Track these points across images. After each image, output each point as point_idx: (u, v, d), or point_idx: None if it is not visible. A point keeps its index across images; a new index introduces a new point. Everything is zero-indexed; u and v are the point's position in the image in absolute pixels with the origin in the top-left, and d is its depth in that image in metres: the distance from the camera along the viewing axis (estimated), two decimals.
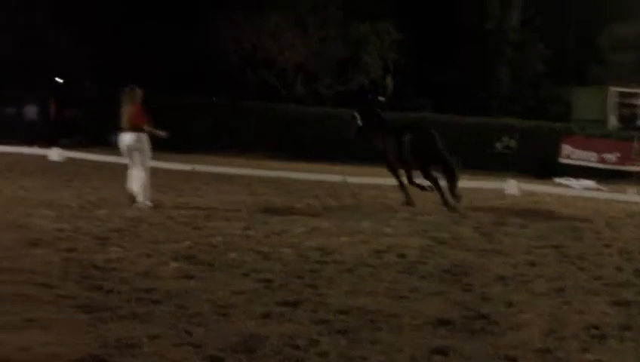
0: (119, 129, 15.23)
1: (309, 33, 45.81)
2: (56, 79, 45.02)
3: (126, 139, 15.04)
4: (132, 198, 14.85)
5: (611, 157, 36.62)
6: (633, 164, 35.90)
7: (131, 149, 15.06)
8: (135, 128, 14.98)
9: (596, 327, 7.23)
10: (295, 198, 18.00)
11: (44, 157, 27.10)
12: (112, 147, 30.59)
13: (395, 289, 8.44)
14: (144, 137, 15.03)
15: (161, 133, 15.26)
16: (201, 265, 9.19)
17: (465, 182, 25.01)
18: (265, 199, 17.54)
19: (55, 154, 27.21)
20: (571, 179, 31.44)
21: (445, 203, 17.01)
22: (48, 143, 31.16)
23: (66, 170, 22.29)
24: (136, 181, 14.89)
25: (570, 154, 37.07)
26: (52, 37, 40.88)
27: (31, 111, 35.85)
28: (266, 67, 45.99)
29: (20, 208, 13.36)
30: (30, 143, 32.60)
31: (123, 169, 16.39)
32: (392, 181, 18.77)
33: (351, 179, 23.49)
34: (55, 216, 12.63)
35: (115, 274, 8.41)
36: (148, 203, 14.77)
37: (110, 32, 43.61)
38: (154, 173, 15.78)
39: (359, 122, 18.57)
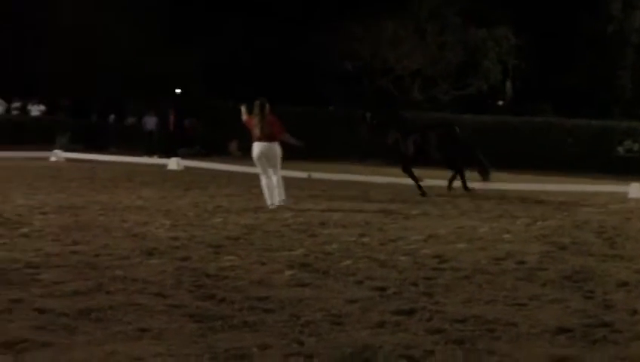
0: (253, 140, 16.23)
1: (427, 40, 45.57)
2: (176, 90, 45.83)
3: (262, 149, 16.06)
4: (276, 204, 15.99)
5: None
6: None
7: (267, 159, 16.12)
8: (271, 138, 16.09)
9: None
10: (412, 205, 17.76)
11: (163, 166, 27.47)
12: (230, 156, 31.03)
13: (513, 296, 8.15)
14: (278, 147, 16.16)
15: (298, 142, 16.71)
16: (315, 273, 9.07)
17: (586, 186, 24.45)
18: (381, 206, 17.36)
19: (174, 163, 27.56)
20: None
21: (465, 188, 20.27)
22: (167, 153, 31.66)
23: (184, 179, 22.52)
24: (278, 186, 16.19)
25: None
26: (170, 49, 41.60)
27: (150, 121, 36.43)
28: (384, 75, 45.94)
29: (137, 217, 13.53)
30: (150, 153, 33.18)
31: (240, 177, 16.65)
32: (511, 186, 18.76)
33: (469, 184, 23.08)
34: (171, 225, 12.73)
35: (228, 282, 8.36)
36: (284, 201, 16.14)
37: (226, 44, 44.15)
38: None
39: (370, 121, 20.34)
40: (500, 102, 52.20)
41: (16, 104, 39.72)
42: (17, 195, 16.13)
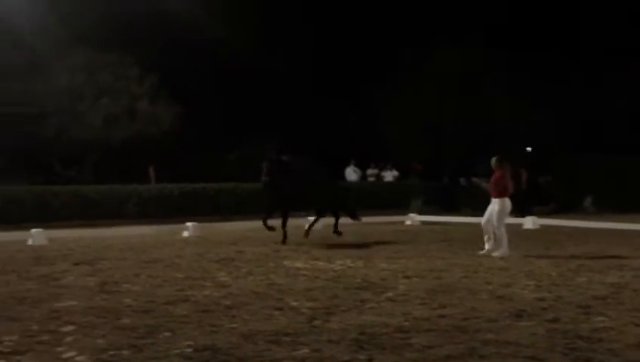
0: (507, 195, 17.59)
1: None
2: (527, 148, 45.55)
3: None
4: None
5: None
6: None
7: None
8: None
9: None
10: None
11: (519, 226, 27.18)
12: (585, 213, 30.24)
13: None
14: None
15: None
16: None
17: None
18: None
19: (529, 222, 27.24)
20: None
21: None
22: (522, 212, 31.35)
23: (542, 238, 22.15)
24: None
25: None
26: (517, 106, 41.50)
27: None
28: None
29: (499, 278, 13.43)
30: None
31: (598, 234, 16.18)
32: None
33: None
34: (535, 286, 12.52)
35: (602, 345, 8.07)
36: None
37: (572, 96, 43.37)
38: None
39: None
40: None
41: (372, 171, 41.06)
42: (379, 259, 16.53)
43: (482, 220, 17.74)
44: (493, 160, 17.95)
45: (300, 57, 45.68)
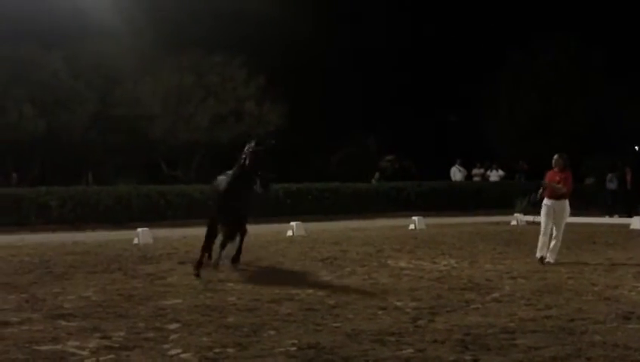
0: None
1: None
2: (635, 147, 44.62)
3: None
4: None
5: None
6: None
7: None
8: None
9: None
10: None
11: (625, 226, 26.64)
12: None
13: None
14: None
15: None
16: None
17: None
18: None
19: (637, 222, 26.64)
20: None
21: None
22: (628, 212, 30.72)
23: None
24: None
25: None
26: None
27: (612, 180, 35.64)
28: None
29: (606, 279, 13.21)
30: (610, 213, 32.39)
31: None
32: None
33: None
34: None
35: None
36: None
37: None
38: None
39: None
40: None
41: (477, 171, 40.77)
42: (485, 260, 16.39)
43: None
44: (555, 157, 16.52)
45: (401, 58, 45.60)
